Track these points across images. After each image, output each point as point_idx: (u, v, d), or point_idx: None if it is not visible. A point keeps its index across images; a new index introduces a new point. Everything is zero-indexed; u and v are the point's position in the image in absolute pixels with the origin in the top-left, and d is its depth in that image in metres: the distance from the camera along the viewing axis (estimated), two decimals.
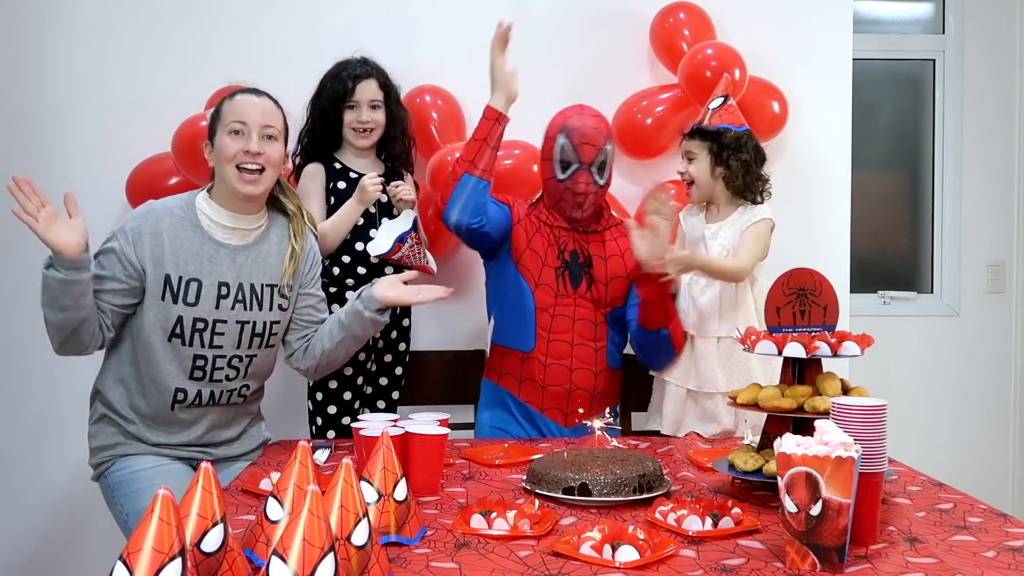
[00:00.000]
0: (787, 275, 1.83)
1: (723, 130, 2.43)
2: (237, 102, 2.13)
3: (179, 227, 2.10)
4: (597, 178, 2.41)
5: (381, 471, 1.47)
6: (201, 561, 1.18)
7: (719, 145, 2.42)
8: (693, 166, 2.46)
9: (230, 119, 2.11)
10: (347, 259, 2.56)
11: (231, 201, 2.13)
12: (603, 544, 1.41)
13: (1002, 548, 1.46)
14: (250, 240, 2.17)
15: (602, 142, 2.40)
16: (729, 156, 2.42)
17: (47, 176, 2.83)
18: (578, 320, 2.45)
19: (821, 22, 2.99)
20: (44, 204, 1.92)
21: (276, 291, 2.19)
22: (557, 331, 2.44)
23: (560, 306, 2.44)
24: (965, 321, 3.89)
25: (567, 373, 2.43)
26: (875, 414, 1.52)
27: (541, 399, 2.45)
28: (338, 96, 2.55)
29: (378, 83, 2.58)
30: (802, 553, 1.36)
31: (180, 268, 2.08)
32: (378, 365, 2.65)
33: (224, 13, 2.86)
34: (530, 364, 2.44)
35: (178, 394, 2.12)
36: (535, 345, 2.43)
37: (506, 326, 2.47)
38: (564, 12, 2.95)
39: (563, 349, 2.43)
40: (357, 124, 2.56)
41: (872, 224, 3.89)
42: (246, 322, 2.15)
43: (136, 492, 2.10)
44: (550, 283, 2.44)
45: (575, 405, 2.44)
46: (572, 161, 2.39)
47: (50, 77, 2.86)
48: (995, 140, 3.87)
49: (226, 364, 2.15)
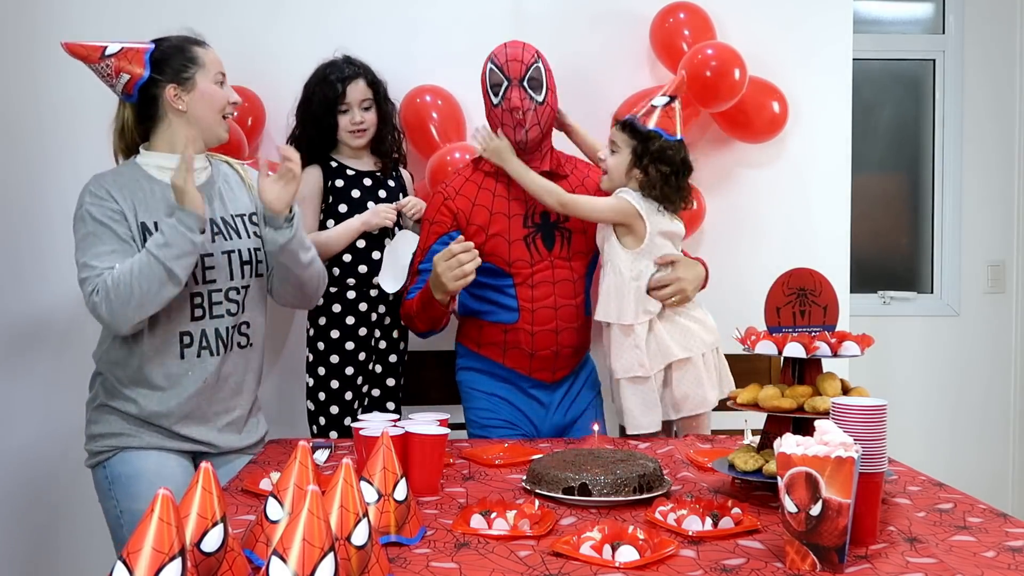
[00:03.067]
0: (787, 275, 1.83)
1: (654, 135, 2.32)
2: (213, 53, 2.22)
3: (135, 182, 2.14)
4: (532, 94, 2.36)
5: (381, 471, 1.47)
6: (201, 561, 1.18)
7: (643, 149, 2.32)
8: (612, 159, 2.37)
9: (214, 70, 2.19)
10: (348, 258, 2.57)
11: (190, 145, 2.12)
12: (603, 544, 1.41)
13: (1002, 548, 1.46)
14: (202, 180, 2.20)
15: (529, 59, 2.37)
16: (649, 164, 2.32)
17: (47, 177, 2.85)
18: (558, 282, 2.43)
19: (821, 22, 2.98)
20: None
21: (247, 219, 2.25)
22: (539, 299, 2.42)
23: (538, 273, 2.42)
24: (965, 321, 3.89)
25: (553, 336, 2.43)
26: (875, 414, 1.52)
27: (529, 364, 2.46)
28: (330, 101, 2.55)
29: (366, 81, 2.58)
30: (802, 553, 1.36)
31: (153, 214, 2.11)
32: (383, 366, 2.66)
33: (223, 14, 2.85)
34: (515, 335, 2.43)
35: (184, 338, 2.13)
36: (519, 317, 2.42)
37: (484, 306, 2.47)
38: (564, 12, 2.95)
39: (548, 315, 2.42)
40: (352, 126, 2.57)
41: (872, 224, 3.89)
42: (231, 251, 2.19)
43: (135, 493, 2.11)
44: (522, 256, 2.42)
45: (561, 364, 2.47)
46: (501, 81, 2.36)
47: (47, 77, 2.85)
48: (995, 140, 3.87)
49: (224, 298, 2.18)
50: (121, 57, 2.14)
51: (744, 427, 2.08)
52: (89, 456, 2.21)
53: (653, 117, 2.34)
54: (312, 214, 2.57)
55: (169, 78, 2.15)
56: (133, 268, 2.01)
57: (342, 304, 2.57)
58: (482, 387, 2.52)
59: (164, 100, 2.16)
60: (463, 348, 2.57)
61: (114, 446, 2.16)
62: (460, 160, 2.69)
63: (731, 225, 2.97)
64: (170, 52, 2.16)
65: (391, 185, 2.65)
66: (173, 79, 2.15)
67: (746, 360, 2.47)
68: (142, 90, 2.15)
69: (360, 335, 2.59)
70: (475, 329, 2.50)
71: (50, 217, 2.80)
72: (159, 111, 2.17)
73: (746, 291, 2.49)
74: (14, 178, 2.85)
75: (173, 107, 2.16)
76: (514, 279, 2.43)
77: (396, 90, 2.74)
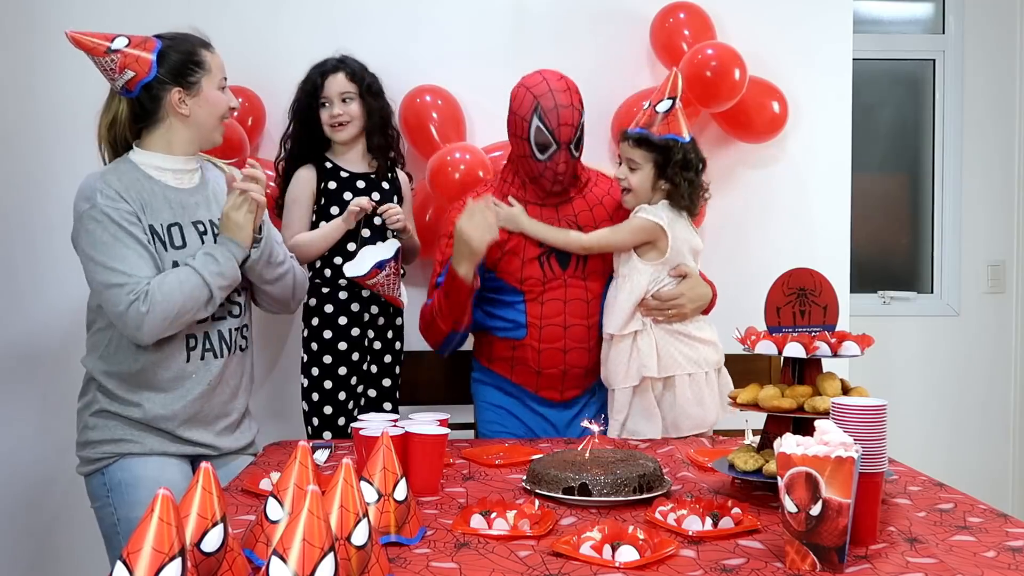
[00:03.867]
0: (787, 275, 1.83)
1: (671, 142, 2.29)
2: (219, 58, 2.21)
3: (136, 183, 2.12)
4: (574, 152, 2.38)
5: (381, 471, 1.47)
6: (201, 561, 1.17)
7: (665, 160, 2.31)
8: (635, 177, 2.33)
9: (219, 75, 2.19)
10: (339, 260, 2.56)
11: (187, 146, 2.17)
12: (603, 544, 1.41)
13: (1002, 548, 1.46)
14: (196, 182, 2.22)
15: (578, 119, 2.35)
16: (675, 173, 2.31)
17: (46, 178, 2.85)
18: (569, 301, 2.41)
19: (821, 22, 2.99)
20: None
21: None
22: (548, 316, 2.41)
23: (549, 291, 2.41)
24: (965, 321, 3.89)
25: (561, 355, 2.41)
26: (875, 414, 1.52)
27: (536, 382, 2.44)
28: (309, 95, 2.56)
29: (347, 75, 2.57)
30: (802, 553, 1.36)
31: (158, 216, 2.11)
32: (378, 366, 2.66)
33: (224, 14, 2.85)
34: (522, 351, 2.42)
35: (190, 340, 2.13)
36: (527, 333, 2.41)
37: (495, 321, 2.46)
38: (564, 12, 2.95)
39: (556, 333, 2.41)
40: (331, 120, 2.57)
41: (872, 224, 3.89)
42: None
43: (133, 500, 2.09)
44: (535, 275, 2.41)
45: (570, 384, 2.44)
46: (550, 143, 2.33)
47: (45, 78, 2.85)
48: (995, 140, 3.88)
49: (227, 300, 2.17)
50: (128, 54, 2.10)
51: (744, 427, 2.08)
52: (83, 463, 2.18)
53: (662, 124, 2.31)
54: (304, 215, 2.56)
55: (175, 81, 2.13)
56: (183, 285, 2.03)
57: (334, 304, 2.57)
58: (492, 400, 2.52)
59: (167, 102, 2.13)
60: (476, 363, 2.57)
61: (114, 452, 2.13)
62: (460, 160, 2.69)
63: (731, 225, 2.97)
64: (178, 55, 2.14)
65: (385, 187, 2.64)
66: (179, 83, 2.13)
67: (746, 360, 2.47)
68: (145, 88, 2.12)
69: (353, 335, 2.59)
70: (486, 345, 2.50)
71: (47, 221, 2.79)
72: (160, 112, 2.14)
73: (746, 291, 2.48)
74: (10, 180, 2.85)
75: (176, 110, 2.14)
76: (525, 296, 2.41)
77: (396, 90, 2.74)
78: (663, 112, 2.32)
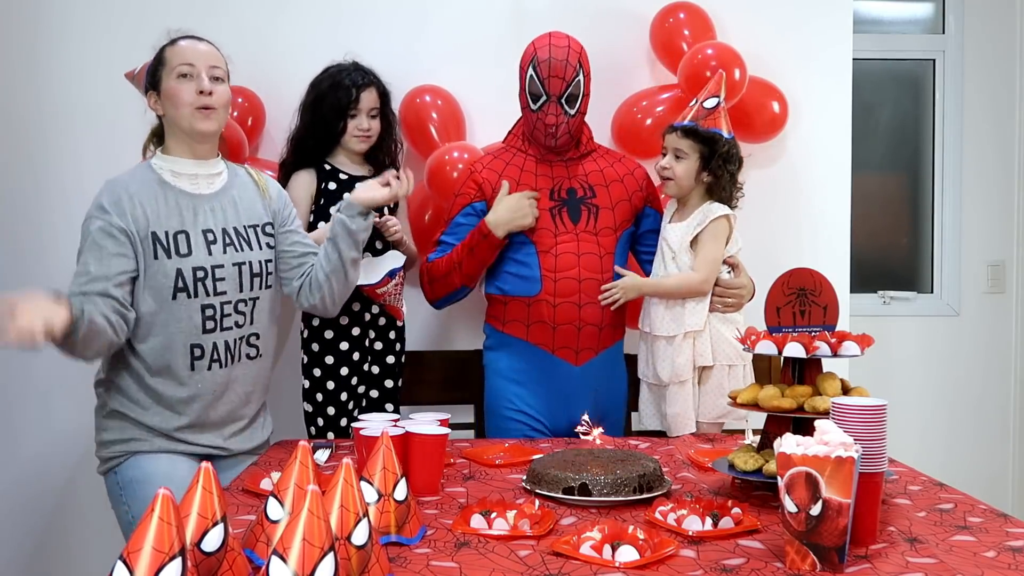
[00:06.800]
0: (787, 275, 1.83)
1: (717, 136, 2.37)
2: (181, 47, 2.17)
3: (148, 188, 2.13)
4: (567, 109, 2.41)
5: (381, 471, 1.47)
6: (201, 561, 1.18)
7: (711, 152, 2.37)
8: (680, 166, 2.39)
9: (177, 63, 2.15)
10: None
11: (189, 148, 2.18)
12: (603, 544, 1.41)
13: (1002, 548, 1.46)
14: (217, 188, 2.21)
15: (571, 74, 2.39)
16: (719, 166, 2.38)
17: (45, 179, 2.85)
18: (583, 255, 2.44)
19: (821, 22, 2.98)
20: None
21: (260, 229, 2.24)
22: (562, 269, 2.43)
23: (562, 244, 2.44)
24: (965, 321, 3.89)
25: (576, 310, 2.42)
26: (875, 414, 1.52)
27: (552, 339, 2.44)
28: (342, 105, 2.55)
29: (378, 91, 2.60)
30: (802, 553, 1.36)
31: (164, 223, 2.11)
32: (380, 367, 2.65)
33: (224, 14, 2.85)
34: (538, 307, 2.43)
35: (194, 350, 2.13)
36: (542, 287, 2.43)
37: (508, 280, 2.47)
38: (564, 12, 2.94)
39: (571, 287, 2.42)
40: (359, 132, 2.57)
41: (872, 224, 3.89)
42: (242, 263, 2.18)
43: (145, 497, 2.08)
44: (547, 226, 2.44)
45: (585, 343, 2.44)
46: (540, 94, 2.40)
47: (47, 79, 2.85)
48: (995, 140, 3.87)
49: (233, 310, 2.17)
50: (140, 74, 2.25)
51: (744, 427, 2.09)
52: (101, 463, 2.21)
53: (709, 119, 2.38)
54: (302, 216, 2.56)
55: (150, 86, 2.19)
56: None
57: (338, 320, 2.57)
58: (504, 370, 2.50)
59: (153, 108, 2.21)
60: (489, 328, 2.57)
61: (124, 451, 2.15)
62: (459, 160, 2.69)
63: None
64: (152, 61, 2.20)
65: None
66: (152, 86, 2.19)
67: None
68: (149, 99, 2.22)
69: (354, 335, 2.59)
70: (500, 306, 2.51)
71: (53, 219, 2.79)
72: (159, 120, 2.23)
73: None
74: (17, 181, 2.85)
75: (156, 113, 2.20)
76: (536, 247, 2.44)
77: (396, 89, 2.74)
78: (710, 108, 2.40)
